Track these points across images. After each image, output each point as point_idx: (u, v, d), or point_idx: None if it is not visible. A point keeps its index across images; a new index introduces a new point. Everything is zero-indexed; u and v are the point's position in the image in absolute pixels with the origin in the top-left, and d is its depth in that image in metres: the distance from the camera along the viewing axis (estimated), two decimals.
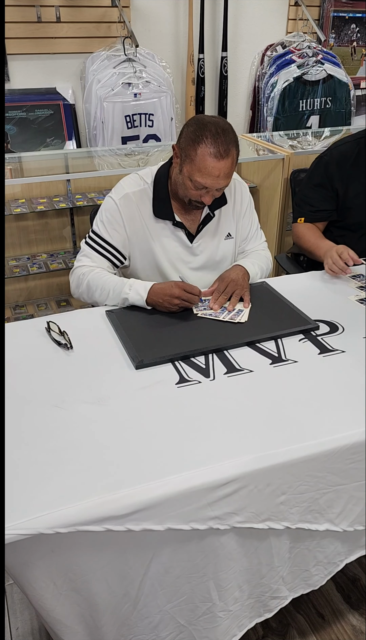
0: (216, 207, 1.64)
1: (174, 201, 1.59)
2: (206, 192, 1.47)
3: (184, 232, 1.62)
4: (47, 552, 0.96)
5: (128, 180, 1.61)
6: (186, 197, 1.51)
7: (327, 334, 1.44)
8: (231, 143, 1.42)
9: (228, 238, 1.69)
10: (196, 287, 1.50)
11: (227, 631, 1.21)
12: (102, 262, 1.60)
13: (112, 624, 1.10)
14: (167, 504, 0.97)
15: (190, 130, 1.43)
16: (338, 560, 1.26)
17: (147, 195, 1.58)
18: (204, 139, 1.39)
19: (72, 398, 1.19)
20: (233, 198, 1.68)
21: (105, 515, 0.93)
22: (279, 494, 1.08)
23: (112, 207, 1.58)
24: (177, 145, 1.49)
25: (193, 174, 1.43)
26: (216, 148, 1.39)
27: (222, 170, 1.42)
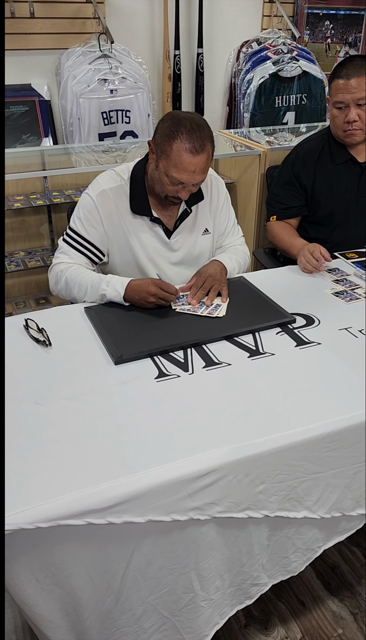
0: (193, 203, 1.65)
1: (151, 197, 1.60)
2: (182, 188, 1.48)
3: (162, 227, 1.63)
4: (28, 547, 0.96)
5: (105, 177, 1.61)
6: (163, 192, 1.52)
7: (303, 326, 1.47)
8: (206, 138, 1.43)
9: (205, 233, 1.71)
10: (172, 286, 1.51)
11: (209, 620, 1.23)
12: (80, 259, 1.60)
13: (96, 617, 1.11)
14: (147, 496, 0.99)
15: (165, 126, 1.44)
16: (317, 546, 1.29)
17: (124, 192, 1.59)
18: (179, 135, 1.40)
19: (52, 394, 1.19)
20: (210, 194, 1.69)
21: (86, 509, 0.94)
22: (258, 484, 1.10)
23: (89, 204, 1.58)
24: (152, 141, 1.49)
25: (168, 170, 1.44)
26: (191, 143, 1.40)
27: (198, 166, 1.43)
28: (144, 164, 1.60)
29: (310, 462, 1.14)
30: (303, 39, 3.63)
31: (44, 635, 1.10)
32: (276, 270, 1.85)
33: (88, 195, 1.59)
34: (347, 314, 1.53)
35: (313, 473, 1.16)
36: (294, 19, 3.53)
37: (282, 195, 2.01)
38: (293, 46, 3.34)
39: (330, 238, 1.99)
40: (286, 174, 2.00)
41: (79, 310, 1.53)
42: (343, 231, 1.99)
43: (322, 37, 3.72)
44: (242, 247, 1.82)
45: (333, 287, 1.68)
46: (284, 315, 1.50)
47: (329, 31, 3.72)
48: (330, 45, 3.77)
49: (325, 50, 3.77)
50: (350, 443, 1.16)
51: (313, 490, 1.18)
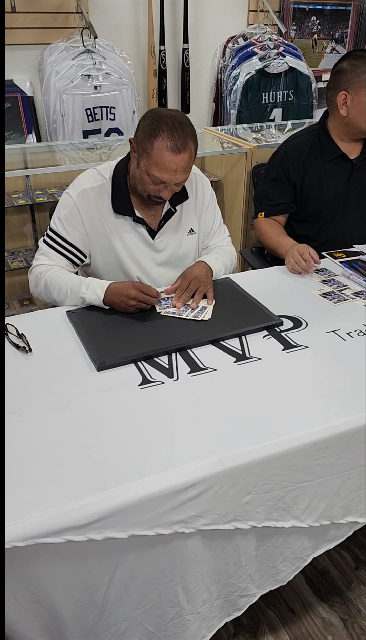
0: (178, 202, 1.61)
1: (133, 196, 1.56)
2: (164, 187, 1.45)
3: (146, 228, 1.59)
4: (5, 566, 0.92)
5: (86, 176, 1.57)
6: (145, 192, 1.48)
7: (291, 329, 1.44)
8: (188, 136, 1.39)
9: (190, 234, 1.67)
10: (153, 289, 1.47)
11: (196, 633, 1.20)
12: (60, 261, 1.56)
13: (78, 633, 1.08)
14: (130, 511, 0.95)
15: (146, 123, 1.40)
16: (305, 555, 1.26)
17: (106, 191, 1.54)
18: (160, 133, 1.36)
19: (31, 404, 1.15)
20: (195, 193, 1.65)
21: (65, 526, 0.90)
22: (245, 494, 1.07)
23: (69, 204, 1.53)
24: (134, 139, 1.45)
25: (150, 169, 1.40)
26: (172, 142, 1.36)
27: (179, 165, 1.39)
28: (126, 162, 1.56)
29: (297, 471, 1.11)
30: (289, 35, 3.60)
31: None
32: (262, 270, 1.82)
33: (68, 195, 1.54)
34: (335, 316, 1.50)
35: (300, 482, 1.13)
36: (281, 14, 3.50)
37: (270, 192, 1.97)
38: (279, 42, 3.31)
39: (317, 236, 1.96)
40: (274, 170, 1.97)
41: (61, 314, 1.49)
42: (330, 229, 1.96)
43: (309, 32, 3.69)
44: (228, 247, 1.79)
45: (320, 288, 1.65)
46: (271, 318, 1.47)
47: (315, 27, 3.69)
48: (316, 41, 3.74)
49: (312, 46, 3.73)
50: (338, 451, 1.14)
51: (301, 499, 1.15)
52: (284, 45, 3.32)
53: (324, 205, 1.93)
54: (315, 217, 1.96)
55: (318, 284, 1.68)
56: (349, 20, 3.77)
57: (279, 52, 3.28)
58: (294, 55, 3.36)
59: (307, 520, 1.18)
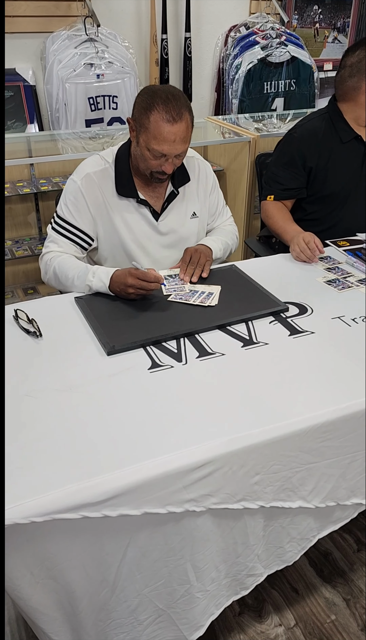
0: (180, 185, 1.64)
1: (136, 178, 1.58)
2: (165, 160, 1.47)
3: (149, 209, 1.61)
4: (22, 542, 0.95)
5: (89, 161, 1.60)
6: (147, 169, 1.50)
7: (297, 315, 1.46)
8: (183, 107, 1.42)
9: (193, 217, 1.70)
10: (150, 274, 1.43)
11: (205, 611, 1.23)
12: (69, 247, 1.58)
13: (91, 610, 1.11)
14: (143, 489, 0.97)
15: (141, 99, 1.44)
16: (311, 536, 1.29)
17: (109, 175, 1.57)
18: (155, 106, 1.39)
19: (43, 386, 1.17)
20: (197, 177, 1.68)
21: (81, 503, 0.92)
22: (254, 475, 1.09)
23: (74, 189, 1.55)
24: (131, 118, 1.48)
25: (149, 142, 1.43)
26: (168, 113, 1.39)
27: (177, 135, 1.41)
28: (128, 146, 1.58)
29: (304, 452, 1.13)
30: (291, 24, 3.59)
31: (38, 628, 1.09)
32: (267, 258, 1.84)
33: (73, 180, 1.57)
34: (340, 303, 1.52)
35: (307, 463, 1.15)
36: (283, 4, 3.49)
37: (282, 176, 1.98)
38: (281, 31, 3.30)
39: (329, 217, 1.99)
40: (288, 153, 1.96)
41: (69, 300, 1.50)
42: (342, 211, 1.99)
43: (311, 22, 3.68)
44: (231, 227, 1.83)
45: (325, 276, 1.67)
46: (277, 303, 1.49)
47: (317, 16, 3.68)
48: (318, 30, 3.73)
49: (314, 36, 3.73)
50: (344, 433, 1.16)
51: (307, 480, 1.18)
52: (286, 35, 3.32)
53: (339, 187, 1.95)
54: (329, 199, 1.97)
55: (322, 271, 1.70)
56: (351, 10, 3.76)
57: (281, 42, 3.28)
58: (296, 45, 3.36)
59: (313, 501, 1.21)
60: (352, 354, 1.30)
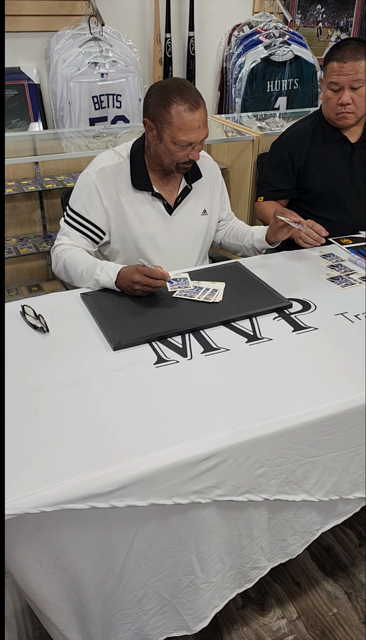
0: (193, 180, 1.67)
1: (151, 173, 1.61)
2: (192, 149, 1.51)
3: (163, 203, 1.64)
4: (32, 532, 0.96)
5: (104, 156, 1.62)
6: (173, 162, 1.54)
7: (300, 312, 1.48)
8: (197, 93, 1.46)
9: (203, 214, 1.73)
10: (157, 271, 1.43)
11: (209, 602, 1.25)
12: (80, 241, 1.61)
13: (97, 600, 1.12)
14: (149, 480, 0.99)
15: (155, 97, 1.46)
16: (314, 529, 1.30)
17: (124, 169, 1.59)
18: (172, 99, 1.43)
19: (51, 381, 1.19)
20: (209, 174, 1.73)
21: (89, 493, 0.94)
22: (258, 467, 1.11)
23: (89, 183, 1.57)
24: (147, 118, 1.50)
25: (175, 136, 1.46)
26: (187, 102, 1.43)
27: (200, 121, 1.46)
28: (142, 141, 1.61)
29: (308, 445, 1.15)
30: (294, 23, 3.60)
31: (46, 617, 1.11)
32: (270, 255, 1.85)
33: (87, 174, 1.59)
34: (343, 299, 1.54)
35: (311, 456, 1.17)
36: (286, 3, 3.50)
37: (272, 178, 2.02)
38: (284, 30, 3.32)
39: (328, 216, 2.00)
40: (277, 156, 2.01)
41: (75, 296, 1.52)
42: (341, 212, 2.00)
43: (314, 21, 3.70)
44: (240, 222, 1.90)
45: (328, 273, 1.68)
46: (280, 300, 1.50)
47: (320, 15, 3.70)
48: (321, 29, 3.75)
49: (317, 35, 3.74)
50: (347, 427, 1.18)
51: (311, 474, 1.19)
52: (290, 34, 3.33)
53: (330, 188, 1.97)
54: (321, 199, 1.99)
55: (325, 268, 1.71)
56: (354, 9, 3.77)
57: (284, 41, 3.29)
58: (300, 44, 3.37)
59: (317, 494, 1.23)
60: (355, 349, 1.32)
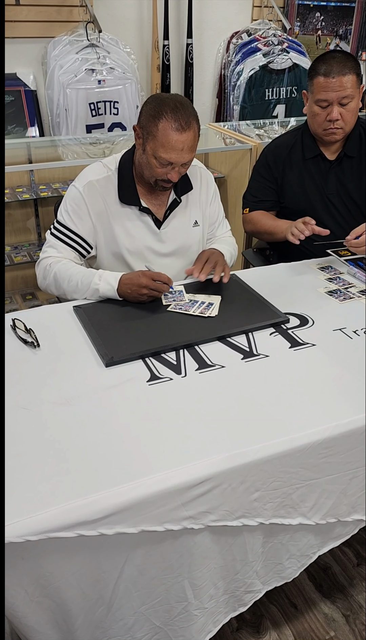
0: (183, 193, 1.63)
1: (139, 186, 1.57)
2: (171, 169, 1.46)
3: (151, 217, 1.60)
4: (16, 560, 0.92)
5: (91, 169, 1.58)
6: (152, 177, 1.49)
7: (297, 327, 1.44)
8: (191, 116, 1.42)
9: (195, 226, 1.69)
10: (164, 275, 1.48)
11: (202, 628, 1.21)
12: (68, 253, 1.57)
13: (86, 627, 1.08)
14: (140, 506, 0.96)
15: (149, 107, 1.42)
16: (311, 552, 1.27)
17: (112, 182, 1.55)
18: (164, 114, 1.39)
19: (40, 399, 1.15)
20: (199, 184, 1.67)
21: (77, 521, 0.91)
22: (253, 491, 1.07)
23: (76, 196, 1.54)
24: (137, 125, 1.47)
25: (156, 150, 1.42)
26: (177, 122, 1.38)
27: (185, 143, 1.41)
28: (131, 154, 1.57)
29: (305, 468, 1.11)
30: (293, 31, 3.59)
31: None
32: (267, 267, 1.82)
33: (75, 187, 1.55)
34: (341, 314, 1.51)
35: (308, 479, 1.13)
36: (285, 10, 3.49)
37: (255, 188, 1.98)
38: (283, 38, 3.30)
39: None
40: (260, 167, 1.98)
41: (68, 309, 1.49)
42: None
43: (312, 28, 3.68)
44: (231, 239, 1.83)
45: (326, 286, 1.65)
46: (277, 315, 1.47)
47: (319, 23, 3.69)
48: (320, 37, 3.73)
49: (316, 43, 3.73)
50: (345, 449, 1.14)
51: (308, 497, 1.16)
52: (288, 42, 3.32)
53: (306, 204, 1.92)
54: (300, 216, 1.87)
55: (323, 281, 1.68)
56: (353, 17, 3.76)
57: (283, 48, 3.28)
58: (298, 52, 3.35)
59: (314, 517, 1.19)
60: (353, 367, 1.29)
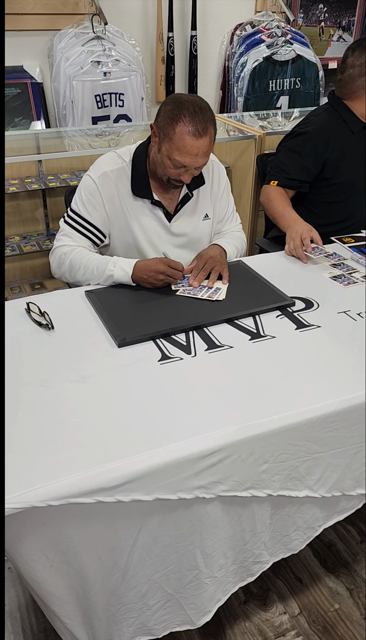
0: (195, 187, 1.65)
1: (152, 180, 1.60)
2: (185, 171, 1.49)
3: (163, 211, 1.63)
4: (39, 526, 0.98)
5: (106, 159, 1.61)
6: (165, 175, 1.52)
7: (303, 310, 1.49)
8: (209, 121, 1.43)
9: (205, 219, 1.72)
10: (179, 263, 1.53)
11: (212, 597, 1.26)
12: (82, 241, 1.60)
13: (102, 594, 1.13)
14: (154, 475, 1.00)
15: (168, 109, 1.44)
16: (317, 525, 1.32)
17: (126, 174, 1.59)
18: (182, 118, 1.40)
19: (57, 377, 1.20)
20: (211, 179, 1.69)
21: (95, 488, 0.95)
22: (262, 463, 1.12)
23: (91, 186, 1.58)
24: (155, 124, 1.49)
25: (171, 153, 1.44)
26: (194, 126, 1.40)
27: (200, 149, 1.43)
28: (146, 146, 1.60)
29: (311, 441, 1.16)
30: (297, 22, 3.61)
31: (51, 611, 1.12)
32: (273, 254, 1.86)
33: (89, 177, 1.59)
34: (345, 298, 1.55)
35: (314, 453, 1.18)
36: (289, 2, 3.51)
37: (289, 166, 2.00)
38: (287, 29, 3.33)
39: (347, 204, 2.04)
40: (300, 147, 1.98)
41: (80, 294, 1.53)
42: (358, 198, 2.05)
43: (316, 20, 3.70)
44: (239, 233, 1.84)
45: (330, 271, 1.69)
46: (283, 298, 1.51)
47: (323, 14, 3.70)
48: (323, 28, 3.75)
49: (319, 34, 3.75)
50: (350, 423, 1.19)
51: (314, 470, 1.20)
52: (292, 33, 3.34)
53: (352, 176, 2.00)
54: (345, 188, 2.02)
55: (328, 267, 1.72)
56: (356, 8, 3.78)
57: (286, 40, 3.30)
58: (302, 43, 3.38)
59: (320, 490, 1.24)
60: (357, 347, 1.33)
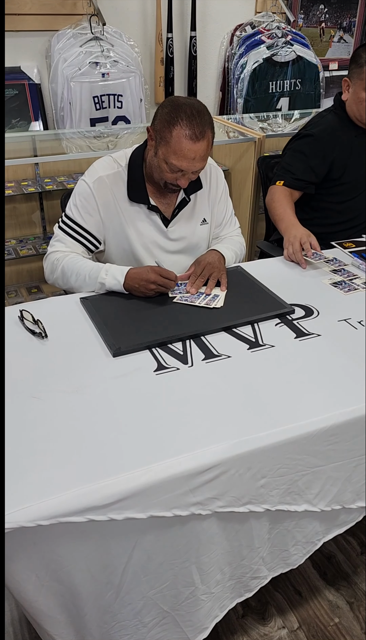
0: (192, 192, 1.62)
1: (149, 185, 1.57)
2: (181, 175, 1.46)
3: (159, 216, 1.60)
4: (28, 545, 0.94)
5: (102, 163, 1.58)
6: (162, 180, 1.49)
7: (303, 317, 1.45)
8: (207, 125, 1.40)
9: (203, 224, 1.68)
10: (172, 272, 1.49)
11: (209, 613, 1.23)
12: (76, 247, 1.57)
13: (95, 612, 1.10)
14: (149, 492, 0.97)
15: (165, 112, 1.41)
16: (316, 539, 1.28)
17: (122, 179, 1.55)
18: (179, 121, 1.37)
19: (49, 388, 1.17)
20: (208, 183, 1.66)
21: (87, 506, 0.92)
22: (260, 478, 1.09)
23: (85, 191, 1.54)
24: (152, 127, 1.46)
25: (168, 157, 1.41)
26: (191, 130, 1.37)
27: (198, 153, 1.40)
28: (142, 150, 1.56)
29: (311, 455, 1.13)
30: (297, 23, 3.58)
31: (43, 629, 1.09)
32: (272, 259, 1.83)
33: (84, 181, 1.55)
34: (346, 305, 1.52)
35: (314, 466, 1.15)
36: (289, 3, 3.48)
37: (296, 167, 1.99)
38: (287, 30, 3.30)
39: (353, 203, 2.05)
40: (308, 149, 1.98)
41: (75, 301, 1.50)
42: (361, 201, 2.05)
43: (316, 21, 3.67)
44: (238, 237, 1.80)
45: (331, 278, 1.66)
46: (283, 305, 1.48)
47: (323, 15, 3.67)
48: (324, 29, 3.72)
49: (319, 35, 3.72)
50: (350, 436, 1.16)
51: (313, 484, 1.17)
52: (292, 34, 3.31)
53: (358, 176, 2.01)
54: (351, 188, 2.03)
55: (328, 273, 1.69)
56: (356, 9, 3.75)
57: (286, 41, 3.27)
58: (302, 44, 3.35)
59: (319, 504, 1.21)
60: (358, 357, 1.30)
